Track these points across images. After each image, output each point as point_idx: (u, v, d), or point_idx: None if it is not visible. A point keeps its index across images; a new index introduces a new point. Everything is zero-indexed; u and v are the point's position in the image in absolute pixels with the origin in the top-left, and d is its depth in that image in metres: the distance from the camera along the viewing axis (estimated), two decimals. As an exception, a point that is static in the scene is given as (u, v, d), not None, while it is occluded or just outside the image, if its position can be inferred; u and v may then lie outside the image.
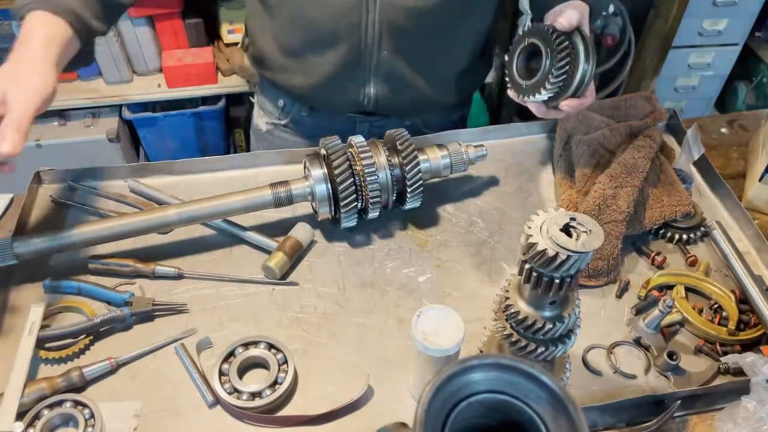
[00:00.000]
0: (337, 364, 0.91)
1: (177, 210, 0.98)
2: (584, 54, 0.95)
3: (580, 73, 0.96)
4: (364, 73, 1.14)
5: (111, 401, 0.85)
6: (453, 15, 1.09)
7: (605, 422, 0.86)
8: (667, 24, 2.39)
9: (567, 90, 0.97)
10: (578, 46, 0.95)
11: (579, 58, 0.95)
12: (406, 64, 1.13)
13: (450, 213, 1.14)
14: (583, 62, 0.95)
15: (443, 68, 1.19)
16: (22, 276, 1.00)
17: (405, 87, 1.16)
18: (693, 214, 1.10)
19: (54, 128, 2.31)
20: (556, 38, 0.93)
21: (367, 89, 1.16)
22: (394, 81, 1.15)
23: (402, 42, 1.09)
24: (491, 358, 0.56)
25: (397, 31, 1.07)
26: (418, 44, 1.11)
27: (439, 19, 1.08)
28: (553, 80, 0.95)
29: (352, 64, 1.12)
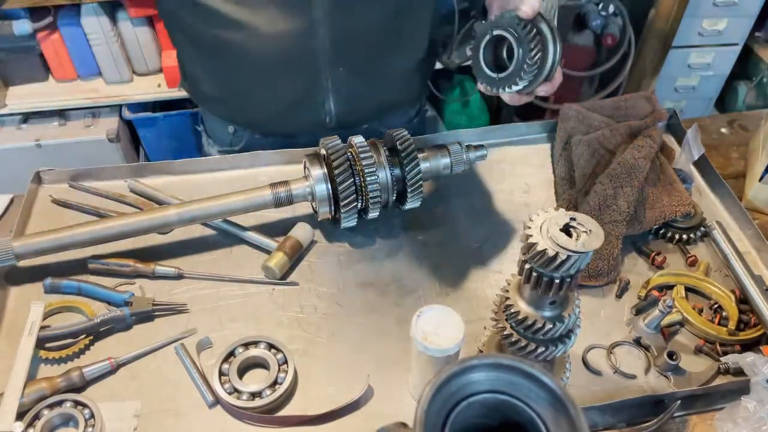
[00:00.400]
0: (337, 364, 0.91)
1: (177, 210, 0.98)
2: (551, 37, 0.95)
3: (551, 57, 0.95)
4: (322, 94, 1.12)
5: (111, 401, 0.85)
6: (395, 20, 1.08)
7: (605, 422, 0.86)
8: (667, 24, 2.39)
9: (540, 76, 0.96)
10: (544, 30, 0.95)
11: (548, 42, 0.95)
12: (360, 76, 1.12)
13: (450, 213, 1.14)
14: (552, 45, 0.95)
15: (396, 71, 1.18)
16: (22, 276, 1.00)
17: (363, 97, 1.15)
18: (693, 214, 1.10)
19: (54, 128, 2.31)
20: (524, 27, 0.92)
21: (326, 107, 1.14)
22: (352, 94, 1.13)
23: (354, 56, 1.08)
24: (491, 358, 0.56)
25: (348, 47, 1.06)
26: (368, 55, 1.10)
27: (383, 27, 1.07)
28: (528, 69, 0.93)
29: (309, 89, 1.10)
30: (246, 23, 1.00)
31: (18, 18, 2.09)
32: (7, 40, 2.14)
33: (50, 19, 2.11)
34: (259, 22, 1.00)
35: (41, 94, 2.27)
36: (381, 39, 1.10)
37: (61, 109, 2.31)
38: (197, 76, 1.18)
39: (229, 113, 1.22)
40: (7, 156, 2.24)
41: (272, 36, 1.02)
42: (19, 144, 2.25)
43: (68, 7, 2.11)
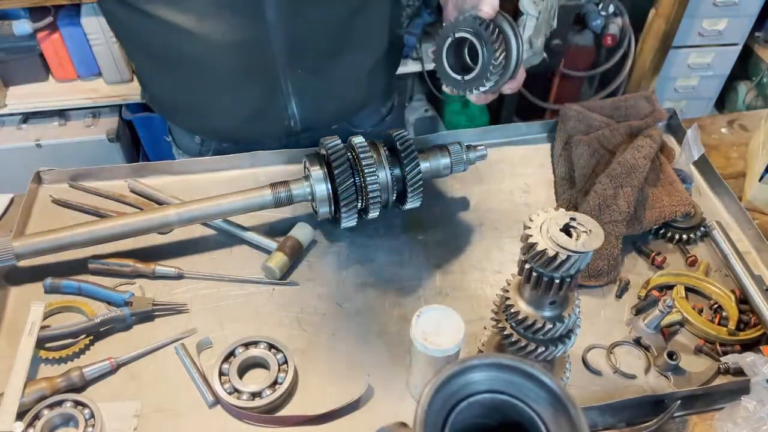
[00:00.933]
0: (337, 364, 0.91)
1: (177, 210, 0.98)
2: (513, 34, 0.94)
3: (515, 55, 0.94)
4: (283, 98, 1.10)
5: (111, 401, 0.85)
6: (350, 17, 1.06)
7: (605, 422, 0.86)
8: (667, 24, 2.39)
9: (506, 74, 0.96)
10: (506, 29, 0.94)
11: (510, 41, 0.94)
12: (320, 76, 1.10)
13: (450, 213, 1.14)
14: (515, 43, 0.94)
15: (357, 68, 1.15)
16: (22, 276, 1.00)
17: (326, 97, 1.14)
18: (693, 214, 1.10)
19: (54, 128, 2.31)
20: (486, 28, 0.91)
21: (289, 111, 1.12)
22: (314, 95, 1.12)
23: (311, 57, 1.06)
24: (491, 358, 0.56)
25: (304, 48, 1.04)
26: (327, 54, 1.08)
27: (339, 25, 1.06)
28: (494, 70, 0.93)
29: (270, 94, 1.09)
30: (196, 32, 0.97)
31: (18, 18, 2.10)
32: (7, 40, 2.14)
33: (50, 19, 2.11)
34: (208, 31, 0.97)
35: (41, 94, 2.27)
36: (336, 38, 1.07)
37: (61, 109, 2.31)
38: (156, 88, 1.16)
39: (191, 124, 1.20)
40: (7, 156, 2.24)
41: (224, 44, 0.99)
42: (19, 144, 2.25)
43: (68, 7, 2.11)
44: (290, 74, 1.06)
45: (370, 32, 1.13)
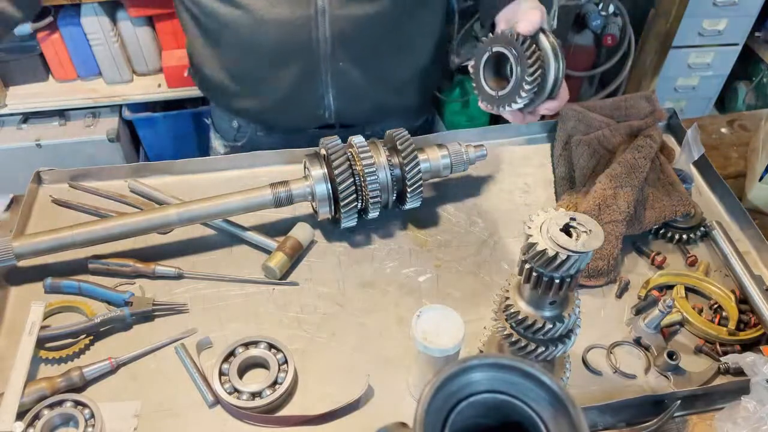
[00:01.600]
0: (337, 364, 0.91)
1: (177, 210, 0.98)
2: (552, 53, 0.93)
3: (553, 74, 0.94)
4: (321, 86, 1.13)
5: (111, 401, 0.85)
6: (400, 19, 1.09)
7: (605, 422, 0.86)
8: (667, 24, 2.39)
9: (542, 94, 0.96)
10: (545, 47, 0.93)
11: (549, 59, 0.93)
12: (361, 72, 1.13)
13: (450, 213, 1.14)
14: (553, 62, 0.93)
15: (398, 73, 1.19)
16: (22, 276, 1.00)
17: (363, 95, 1.16)
18: (693, 214, 1.10)
19: (54, 128, 2.31)
20: (523, 43, 0.91)
21: (326, 101, 1.15)
22: (351, 90, 1.15)
23: (355, 50, 1.09)
24: (491, 358, 0.56)
25: (349, 40, 1.07)
26: (370, 51, 1.11)
27: (387, 25, 1.08)
28: (527, 87, 0.92)
29: (308, 80, 1.11)
30: (247, 5, 1.01)
31: (18, 18, 2.09)
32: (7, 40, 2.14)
33: (50, 19, 2.11)
34: (260, 5, 1.01)
35: (41, 94, 2.27)
36: (379, 38, 1.10)
37: (61, 109, 2.31)
38: (202, 61, 1.20)
39: (230, 102, 1.23)
40: (7, 156, 2.24)
41: (272, 21, 1.03)
42: (19, 144, 2.25)
43: (68, 7, 2.11)
44: (331, 64, 1.09)
45: (413, 40, 1.16)
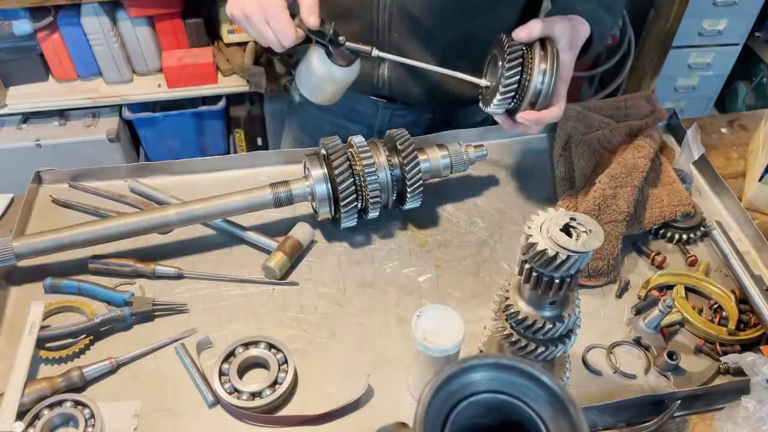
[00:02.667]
0: (337, 364, 0.91)
1: (177, 210, 0.98)
2: (541, 65, 0.93)
3: (534, 84, 0.93)
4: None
5: (111, 401, 0.85)
6: (466, 12, 1.09)
7: (605, 422, 0.86)
8: (667, 24, 2.39)
9: (523, 100, 0.95)
10: (536, 56, 0.93)
11: (534, 67, 0.93)
12: (418, 51, 1.12)
13: (450, 213, 1.14)
14: (538, 73, 0.93)
15: (459, 61, 1.14)
16: (22, 276, 1.00)
17: (417, 74, 1.16)
18: (693, 214, 1.10)
19: (54, 128, 2.31)
20: (509, 46, 0.94)
21: (380, 71, 1.17)
22: (406, 66, 1.12)
23: (413, 28, 1.10)
24: (491, 358, 0.56)
25: (408, 15, 1.08)
26: (430, 33, 1.11)
27: (452, 13, 1.08)
28: (503, 89, 0.94)
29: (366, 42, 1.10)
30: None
31: (18, 18, 2.10)
32: (7, 40, 2.14)
33: (50, 19, 2.11)
34: None
35: (41, 94, 2.27)
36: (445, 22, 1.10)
37: (61, 109, 2.32)
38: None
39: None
40: (7, 156, 2.25)
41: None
42: (19, 144, 2.25)
43: (68, 7, 2.11)
44: (388, 34, 1.11)
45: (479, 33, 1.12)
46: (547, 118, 0.97)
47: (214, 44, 2.37)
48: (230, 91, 2.35)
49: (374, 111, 1.27)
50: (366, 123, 1.29)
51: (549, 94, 0.94)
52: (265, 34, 0.95)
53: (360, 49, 0.98)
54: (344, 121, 1.32)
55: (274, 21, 0.93)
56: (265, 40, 0.96)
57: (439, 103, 1.26)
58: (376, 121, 1.28)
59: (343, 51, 0.98)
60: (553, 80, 0.93)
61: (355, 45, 0.98)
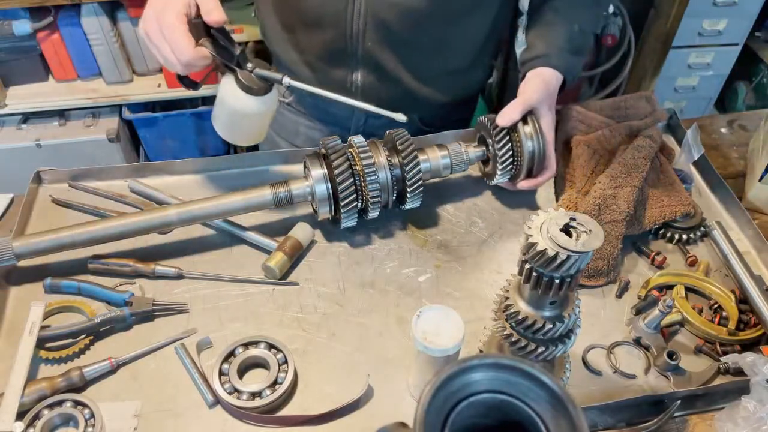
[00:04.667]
0: (337, 364, 0.91)
1: (177, 210, 0.98)
2: (527, 135, 1.04)
3: (527, 154, 1.05)
4: (351, 60, 1.15)
5: (111, 401, 0.85)
6: (441, 20, 1.10)
7: (605, 422, 0.86)
8: (667, 24, 2.39)
9: (521, 170, 1.07)
10: (520, 130, 1.05)
11: (522, 136, 1.04)
12: (391, 57, 1.13)
13: (450, 213, 1.14)
14: (527, 140, 1.04)
15: (431, 67, 1.19)
16: (22, 276, 1.00)
17: (390, 79, 1.17)
18: (693, 214, 1.10)
19: (54, 128, 2.31)
20: (493, 127, 1.05)
21: (354, 76, 1.17)
22: (379, 72, 1.15)
23: (387, 35, 1.10)
24: (491, 358, 0.56)
25: (382, 23, 1.08)
26: (403, 40, 1.12)
27: (426, 21, 1.09)
28: (500, 167, 1.06)
29: (339, 49, 1.13)
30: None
31: (18, 18, 2.10)
32: (7, 40, 2.14)
33: (50, 19, 2.12)
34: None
35: (41, 94, 2.27)
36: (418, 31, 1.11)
37: (61, 109, 2.32)
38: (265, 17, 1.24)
39: (276, 50, 1.26)
40: (7, 156, 2.25)
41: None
42: (19, 144, 2.26)
43: (68, 7, 2.11)
44: (361, 41, 1.11)
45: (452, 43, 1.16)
46: (543, 181, 1.10)
47: (214, 44, 2.36)
48: (230, 91, 2.35)
49: (349, 113, 1.27)
50: (341, 125, 1.29)
51: (542, 155, 1.05)
52: (163, 52, 0.90)
53: (271, 76, 0.92)
54: (320, 124, 1.33)
55: (169, 35, 0.88)
56: (165, 58, 0.91)
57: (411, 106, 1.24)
58: (351, 123, 1.29)
59: (254, 78, 0.91)
60: (541, 141, 1.04)
61: (266, 71, 0.92)
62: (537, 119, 1.06)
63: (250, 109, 0.93)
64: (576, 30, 1.12)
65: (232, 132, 0.98)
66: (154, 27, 0.89)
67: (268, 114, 0.96)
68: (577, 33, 1.13)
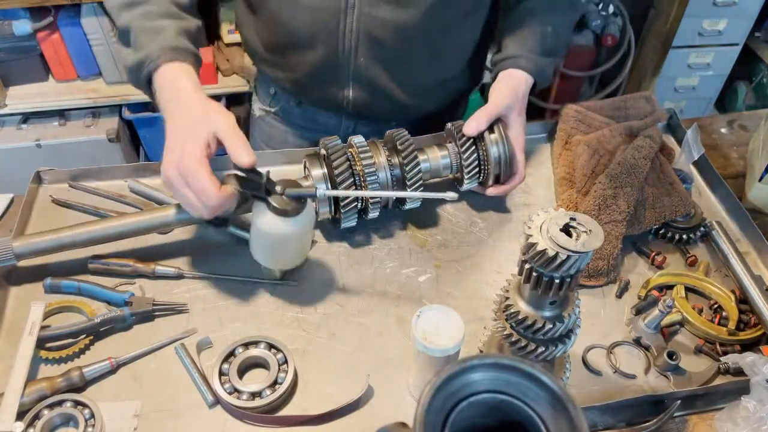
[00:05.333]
0: (337, 364, 0.91)
1: (177, 210, 0.98)
2: (493, 142, 1.06)
3: (494, 160, 1.06)
4: (342, 76, 1.14)
5: (111, 401, 0.85)
6: (431, 32, 1.10)
7: (605, 422, 0.86)
8: (667, 24, 2.39)
9: (489, 173, 1.08)
10: (486, 137, 1.06)
11: (487, 142, 1.06)
12: (383, 73, 1.14)
13: (450, 213, 1.14)
14: (492, 145, 1.06)
15: (423, 79, 1.20)
16: (22, 276, 1.00)
17: (383, 94, 1.17)
18: (693, 214, 1.10)
19: (54, 128, 2.31)
20: (458, 134, 1.07)
21: (345, 92, 1.17)
22: (372, 87, 1.16)
23: (379, 51, 1.10)
24: (491, 358, 0.56)
25: (374, 40, 1.08)
26: (396, 55, 1.12)
27: (419, 35, 1.09)
28: (467, 173, 1.07)
29: (330, 67, 1.13)
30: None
31: (18, 18, 2.10)
32: (7, 40, 2.14)
33: (50, 19, 2.12)
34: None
35: (41, 94, 2.27)
36: (410, 44, 1.11)
37: (61, 109, 2.31)
38: (242, 22, 1.24)
39: (263, 67, 1.26)
40: (7, 156, 2.25)
41: (305, 6, 1.06)
42: (19, 144, 2.25)
43: (68, 7, 2.11)
44: (353, 57, 1.11)
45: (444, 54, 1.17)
46: (512, 188, 1.11)
47: (214, 44, 2.37)
48: (230, 91, 2.35)
49: (338, 122, 1.27)
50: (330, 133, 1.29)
51: (508, 160, 1.06)
52: (189, 199, 0.84)
53: (303, 194, 0.86)
54: (307, 133, 1.33)
55: (192, 181, 0.83)
56: (191, 206, 0.86)
57: (404, 117, 1.26)
58: (340, 131, 1.28)
59: (286, 200, 0.85)
60: (507, 148, 1.06)
61: (297, 190, 0.86)
62: (504, 126, 1.07)
63: (291, 231, 0.87)
64: (549, 32, 1.13)
65: (276, 259, 0.94)
66: (174, 174, 0.84)
67: (309, 229, 0.91)
68: (551, 35, 1.13)
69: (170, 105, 0.91)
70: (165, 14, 0.97)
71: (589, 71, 2.63)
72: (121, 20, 0.96)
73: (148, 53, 0.93)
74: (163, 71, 0.93)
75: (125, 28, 0.96)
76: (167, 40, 0.94)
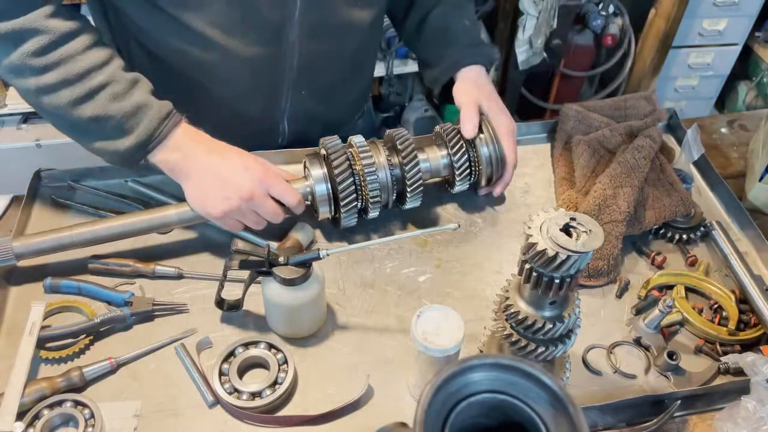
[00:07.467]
0: (337, 364, 0.91)
1: (177, 210, 0.98)
2: (482, 141, 1.06)
3: (485, 158, 1.07)
4: (279, 115, 1.15)
5: (111, 401, 0.85)
6: (357, 52, 1.14)
7: (605, 422, 0.87)
8: (667, 24, 2.39)
9: (481, 173, 1.08)
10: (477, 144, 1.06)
11: (479, 147, 1.06)
12: (316, 99, 1.15)
13: (450, 213, 1.14)
14: (483, 149, 1.06)
15: (347, 95, 1.24)
16: (22, 276, 0.99)
17: (315, 118, 1.19)
18: (693, 214, 1.10)
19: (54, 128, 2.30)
20: (447, 135, 1.07)
21: (281, 128, 1.18)
22: (305, 114, 1.18)
23: (315, 80, 1.12)
24: (491, 358, 0.56)
25: (313, 71, 1.10)
26: (328, 80, 1.15)
27: (347, 57, 1.13)
28: (458, 174, 1.07)
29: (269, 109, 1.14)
30: (219, 42, 0.99)
31: (18, 18, 2.09)
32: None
33: (50, 19, 2.11)
34: (231, 43, 1.00)
35: (41, 94, 2.27)
36: (342, 67, 1.15)
37: (61, 109, 2.31)
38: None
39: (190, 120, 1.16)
40: (7, 156, 2.24)
41: (242, 57, 1.02)
42: (19, 144, 2.25)
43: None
44: (293, 94, 1.11)
45: (363, 67, 1.25)
46: (505, 184, 1.11)
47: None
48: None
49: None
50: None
51: (499, 158, 1.07)
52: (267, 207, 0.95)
53: (308, 259, 0.86)
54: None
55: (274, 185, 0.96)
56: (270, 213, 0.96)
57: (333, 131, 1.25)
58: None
59: (292, 268, 0.86)
60: (497, 145, 1.06)
61: (301, 256, 0.86)
62: (491, 124, 1.07)
63: (304, 297, 0.88)
64: (468, 25, 1.18)
65: (294, 328, 0.93)
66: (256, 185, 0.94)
67: (322, 291, 0.91)
68: (471, 26, 1.18)
69: (212, 155, 0.94)
70: (130, 84, 0.92)
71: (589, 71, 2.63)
72: (84, 113, 0.89)
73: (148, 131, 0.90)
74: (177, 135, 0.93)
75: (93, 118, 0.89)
76: (156, 110, 0.91)
